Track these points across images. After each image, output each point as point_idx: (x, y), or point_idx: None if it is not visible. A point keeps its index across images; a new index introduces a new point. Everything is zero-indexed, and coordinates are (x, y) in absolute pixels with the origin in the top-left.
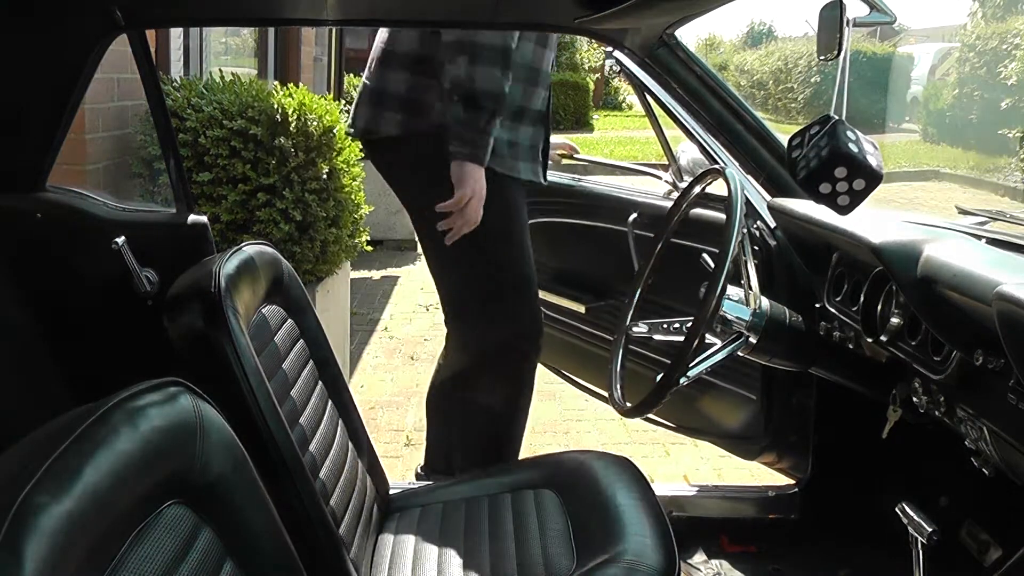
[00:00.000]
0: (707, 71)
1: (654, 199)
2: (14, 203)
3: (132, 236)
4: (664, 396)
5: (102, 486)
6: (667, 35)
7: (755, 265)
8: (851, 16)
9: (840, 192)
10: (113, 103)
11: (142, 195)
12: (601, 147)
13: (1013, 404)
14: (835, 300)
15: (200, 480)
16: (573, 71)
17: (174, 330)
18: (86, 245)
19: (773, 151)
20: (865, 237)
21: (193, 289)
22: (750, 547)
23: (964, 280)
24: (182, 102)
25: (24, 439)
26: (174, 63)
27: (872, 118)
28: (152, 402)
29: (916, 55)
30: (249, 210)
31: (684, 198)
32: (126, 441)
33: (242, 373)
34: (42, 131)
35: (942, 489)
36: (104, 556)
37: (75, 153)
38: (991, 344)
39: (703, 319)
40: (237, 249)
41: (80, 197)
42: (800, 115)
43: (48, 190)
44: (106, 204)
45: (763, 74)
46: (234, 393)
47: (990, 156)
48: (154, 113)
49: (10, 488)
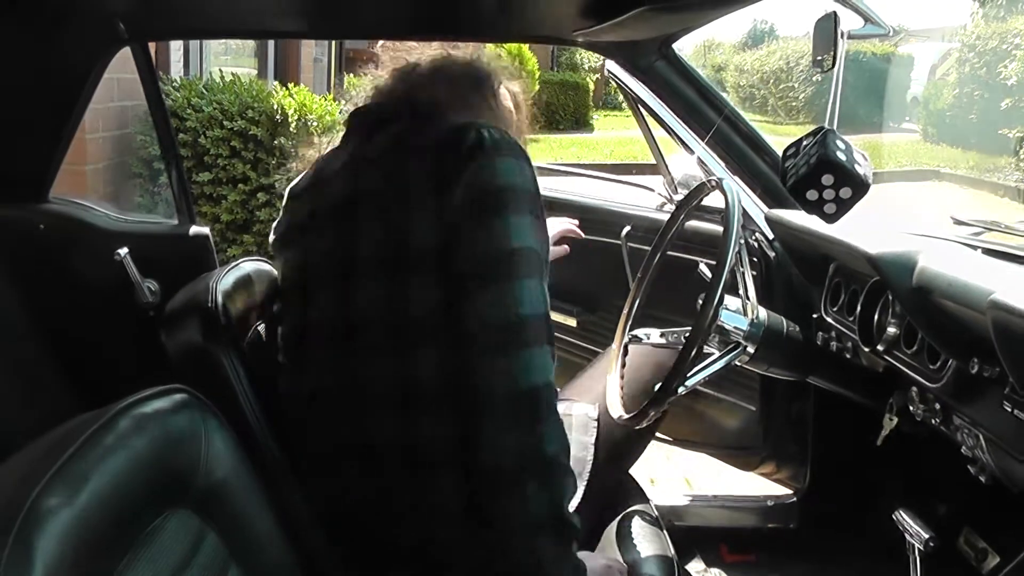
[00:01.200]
0: (704, 83)
1: (648, 212)
2: (17, 214)
3: (134, 247)
4: (662, 405)
5: (108, 491)
6: (665, 47)
7: (752, 275)
8: (846, 28)
9: (827, 200)
10: (113, 103)
11: (142, 195)
12: (601, 147)
13: (1009, 412)
14: (832, 310)
15: (204, 485)
16: (573, 71)
17: (172, 345)
18: (89, 256)
19: (770, 163)
20: (861, 247)
21: (191, 305)
22: (749, 556)
23: (959, 289)
24: (182, 102)
25: (31, 444)
26: (174, 63)
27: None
28: (157, 408)
29: (916, 55)
30: (249, 210)
31: (681, 209)
32: (132, 446)
33: (240, 388)
34: (45, 143)
35: (939, 497)
36: (111, 559)
37: (75, 153)
38: (986, 352)
39: (700, 329)
40: (235, 265)
41: (82, 208)
42: (801, 114)
43: (51, 201)
44: (108, 215)
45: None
46: (232, 408)
47: (990, 156)
48: (156, 123)
49: (20, 491)
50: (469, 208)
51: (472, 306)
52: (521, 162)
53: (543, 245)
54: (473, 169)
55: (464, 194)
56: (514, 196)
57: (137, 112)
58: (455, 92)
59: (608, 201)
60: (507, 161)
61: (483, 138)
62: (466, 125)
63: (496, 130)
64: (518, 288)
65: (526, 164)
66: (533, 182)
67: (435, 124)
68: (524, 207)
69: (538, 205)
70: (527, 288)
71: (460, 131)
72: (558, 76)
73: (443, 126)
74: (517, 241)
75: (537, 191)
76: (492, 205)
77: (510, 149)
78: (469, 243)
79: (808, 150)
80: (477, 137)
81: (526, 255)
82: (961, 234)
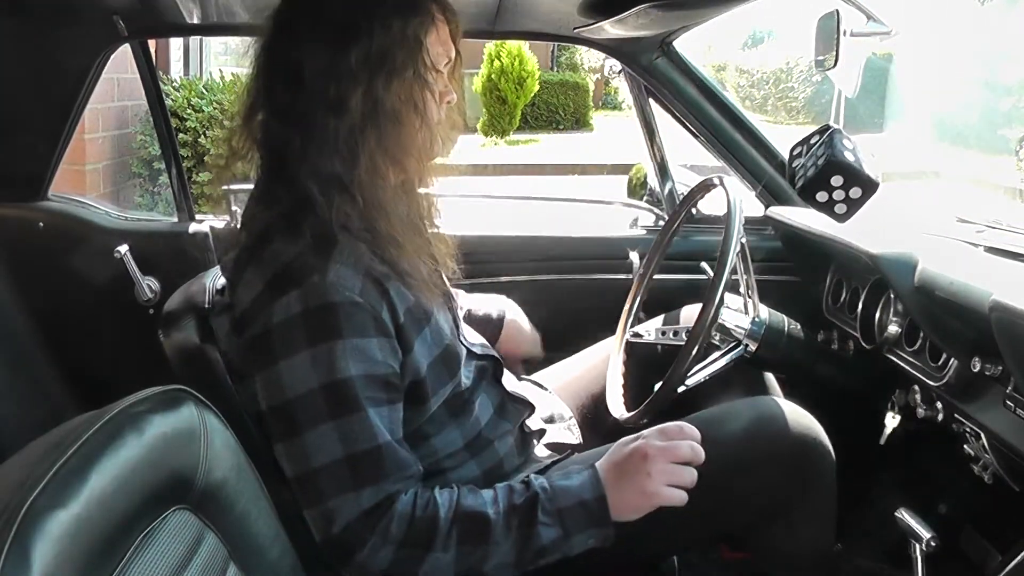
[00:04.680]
0: (705, 80)
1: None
2: (16, 212)
3: (134, 245)
4: (663, 404)
5: (108, 491)
6: (665, 45)
7: (753, 273)
8: (848, 27)
9: (837, 200)
10: (113, 103)
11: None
12: (601, 147)
13: (1011, 410)
14: (834, 308)
15: (204, 485)
16: (573, 71)
17: (169, 345)
18: (88, 254)
19: (772, 160)
20: (863, 246)
21: (187, 305)
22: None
23: (961, 288)
24: (182, 102)
25: (30, 444)
26: (174, 63)
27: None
28: (156, 409)
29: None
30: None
31: (683, 208)
32: (131, 447)
33: (239, 387)
34: (45, 140)
35: (941, 496)
36: (110, 560)
37: (75, 153)
38: (988, 351)
39: (702, 327)
40: None
41: (82, 206)
42: (801, 114)
43: (50, 199)
44: (108, 213)
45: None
46: (230, 407)
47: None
48: (156, 122)
49: (18, 493)
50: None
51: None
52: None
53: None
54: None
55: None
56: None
57: (137, 112)
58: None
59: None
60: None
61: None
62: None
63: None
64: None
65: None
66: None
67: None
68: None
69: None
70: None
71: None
72: (558, 76)
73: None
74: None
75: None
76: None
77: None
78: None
79: (816, 151)
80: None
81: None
82: (964, 232)
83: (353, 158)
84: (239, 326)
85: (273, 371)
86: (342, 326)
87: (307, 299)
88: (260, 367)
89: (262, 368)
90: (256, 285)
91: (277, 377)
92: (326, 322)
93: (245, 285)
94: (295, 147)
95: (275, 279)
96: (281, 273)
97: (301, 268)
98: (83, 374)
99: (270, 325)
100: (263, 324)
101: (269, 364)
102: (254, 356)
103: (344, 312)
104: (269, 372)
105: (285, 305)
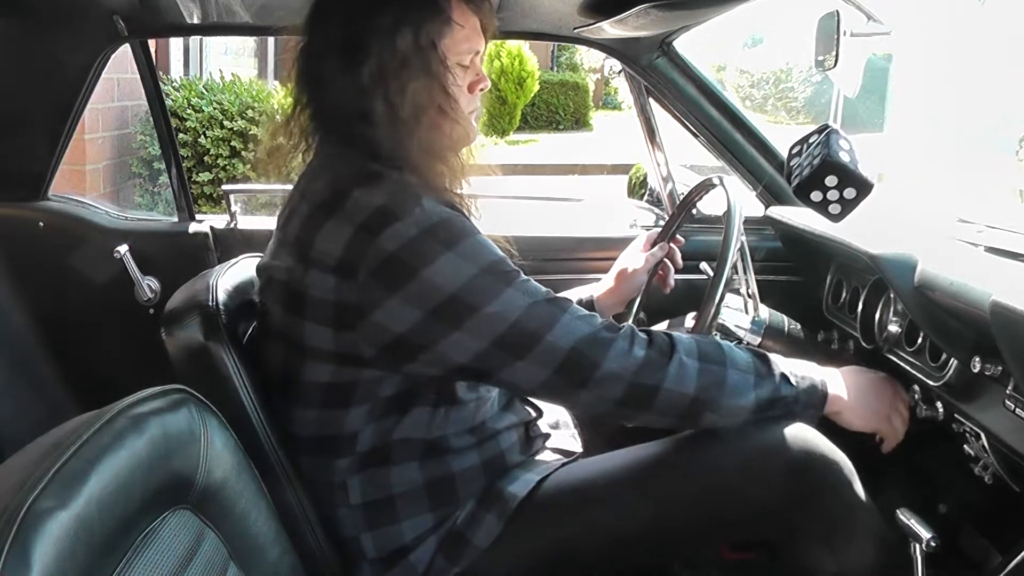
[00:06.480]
0: (705, 80)
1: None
2: (16, 212)
3: (134, 245)
4: None
5: (108, 491)
6: (665, 45)
7: (753, 273)
8: (848, 28)
9: (831, 200)
10: (113, 103)
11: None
12: (601, 147)
13: (1011, 410)
14: (834, 308)
15: (204, 485)
16: (573, 71)
17: (171, 344)
18: (88, 253)
19: (772, 160)
20: (863, 246)
21: (190, 303)
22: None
23: (961, 288)
24: (182, 102)
25: (30, 445)
26: (174, 63)
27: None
28: (156, 409)
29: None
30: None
31: (683, 207)
32: (131, 447)
33: (241, 387)
34: (45, 140)
35: (941, 495)
36: (110, 560)
37: (75, 153)
38: (988, 351)
39: (702, 327)
40: (234, 263)
41: (82, 206)
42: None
43: (50, 199)
44: (108, 213)
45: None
46: (232, 407)
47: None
48: (156, 122)
49: (18, 493)
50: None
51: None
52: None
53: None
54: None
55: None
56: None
57: (137, 112)
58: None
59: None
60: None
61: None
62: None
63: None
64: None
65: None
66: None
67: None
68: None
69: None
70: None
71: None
72: (558, 76)
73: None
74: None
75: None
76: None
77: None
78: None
79: (812, 150)
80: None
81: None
82: (964, 232)
83: (396, 160)
84: (343, 271)
85: (417, 281)
86: (467, 227)
87: (419, 223)
88: (396, 288)
89: (400, 287)
90: (344, 232)
91: (428, 282)
92: (450, 230)
93: (326, 236)
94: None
95: (369, 220)
96: (375, 214)
97: (396, 207)
98: (83, 374)
99: (387, 254)
100: (376, 256)
101: (409, 278)
102: (385, 282)
103: (459, 220)
104: (412, 285)
105: (395, 233)
